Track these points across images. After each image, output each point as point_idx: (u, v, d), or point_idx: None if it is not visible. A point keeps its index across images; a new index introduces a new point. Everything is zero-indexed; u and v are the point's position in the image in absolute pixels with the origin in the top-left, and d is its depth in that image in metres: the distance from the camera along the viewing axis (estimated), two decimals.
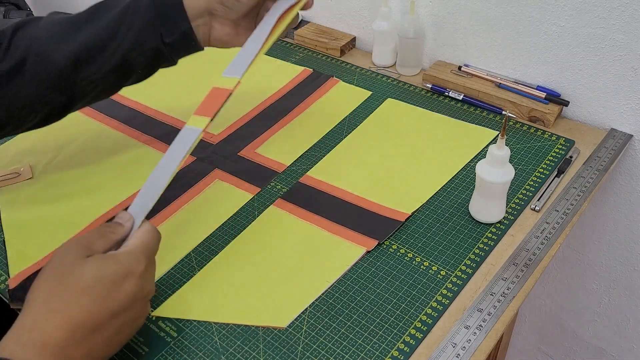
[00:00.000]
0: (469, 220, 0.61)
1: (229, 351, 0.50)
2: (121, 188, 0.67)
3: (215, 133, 0.76)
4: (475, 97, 0.78)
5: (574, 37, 0.70)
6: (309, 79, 0.86)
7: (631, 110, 0.71)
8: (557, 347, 1.02)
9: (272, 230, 0.61)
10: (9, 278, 0.57)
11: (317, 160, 0.70)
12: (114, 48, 0.58)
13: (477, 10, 0.77)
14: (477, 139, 0.72)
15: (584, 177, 0.65)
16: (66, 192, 0.68)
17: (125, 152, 0.74)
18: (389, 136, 0.73)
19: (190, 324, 0.53)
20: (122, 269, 0.45)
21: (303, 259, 0.58)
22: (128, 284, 0.45)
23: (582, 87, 0.73)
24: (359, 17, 0.91)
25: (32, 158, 0.73)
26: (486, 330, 0.50)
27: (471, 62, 0.82)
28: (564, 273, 0.92)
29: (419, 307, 0.53)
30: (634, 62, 0.67)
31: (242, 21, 0.62)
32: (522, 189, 0.64)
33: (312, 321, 0.52)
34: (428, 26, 0.83)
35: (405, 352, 0.49)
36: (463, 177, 0.67)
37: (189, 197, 0.66)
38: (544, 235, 0.59)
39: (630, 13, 0.64)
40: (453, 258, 0.57)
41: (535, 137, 0.72)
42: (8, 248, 0.61)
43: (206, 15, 0.60)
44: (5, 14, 1.28)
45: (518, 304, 0.52)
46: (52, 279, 0.44)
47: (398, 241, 0.59)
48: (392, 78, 0.85)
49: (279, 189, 0.67)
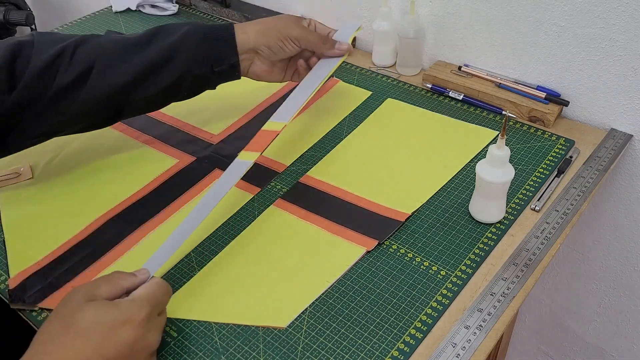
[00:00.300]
0: (469, 220, 0.61)
1: (229, 351, 0.50)
2: (121, 188, 0.67)
3: (215, 133, 0.76)
4: (475, 97, 0.78)
5: (574, 37, 0.70)
6: None
7: (631, 110, 0.71)
8: (557, 347, 1.02)
9: (272, 230, 0.61)
10: (9, 278, 0.57)
11: (317, 160, 0.70)
12: (169, 72, 0.64)
13: (477, 10, 0.77)
14: (477, 139, 0.72)
15: (584, 177, 0.65)
16: (66, 192, 0.68)
17: (125, 152, 0.74)
18: (389, 136, 0.73)
19: (190, 324, 0.53)
20: (121, 315, 0.44)
21: (303, 259, 0.58)
22: (126, 331, 0.43)
23: (582, 87, 0.73)
24: (359, 17, 0.91)
25: (32, 158, 0.73)
26: (486, 330, 0.50)
27: (471, 62, 0.82)
28: (564, 273, 0.92)
29: (419, 307, 0.53)
30: (634, 62, 0.67)
31: (278, 62, 0.71)
32: (522, 189, 0.64)
33: (312, 321, 0.52)
34: (428, 26, 0.83)
35: (405, 352, 0.49)
36: (463, 177, 0.67)
37: (189, 197, 0.66)
38: (544, 235, 0.59)
39: (630, 13, 0.64)
40: (453, 258, 0.57)
41: (535, 137, 0.72)
42: (8, 248, 0.61)
43: (252, 52, 0.68)
44: (5, 14, 1.28)
45: (518, 304, 0.52)
46: (54, 322, 0.44)
47: (398, 241, 0.59)
48: (392, 78, 0.85)
49: (279, 189, 0.67)
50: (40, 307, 0.54)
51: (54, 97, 0.60)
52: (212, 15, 1.07)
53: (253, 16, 1.01)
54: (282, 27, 0.67)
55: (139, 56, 0.63)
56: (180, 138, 0.75)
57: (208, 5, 1.07)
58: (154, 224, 0.63)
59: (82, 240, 0.61)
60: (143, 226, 0.62)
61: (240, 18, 1.03)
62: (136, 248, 0.60)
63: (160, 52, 0.63)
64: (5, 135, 0.61)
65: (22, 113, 0.60)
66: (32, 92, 0.59)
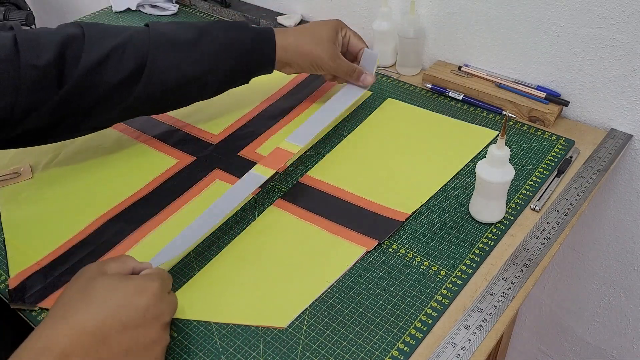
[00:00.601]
0: (469, 220, 0.61)
1: (229, 351, 0.50)
2: (121, 188, 0.67)
3: (215, 133, 0.76)
4: (475, 97, 0.78)
5: (574, 37, 0.70)
6: (309, 79, 0.86)
7: (631, 110, 0.71)
8: (557, 347, 1.02)
9: (272, 230, 0.61)
10: (9, 278, 0.57)
11: (317, 160, 0.70)
12: (212, 80, 0.68)
13: (477, 10, 0.77)
14: (478, 139, 0.72)
15: (584, 177, 0.65)
16: (66, 192, 0.68)
17: (125, 152, 0.74)
18: (389, 136, 0.73)
19: (190, 324, 0.53)
20: (135, 286, 0.45)
21: (303, 259, 0.58)
22: (140, 298, 0.44)
23: (582, 87, 0.73)
24: (359, 17, 0.91)
25: (32, 158, 0.73)
26: (486, 330, 0.50)
27: (471, 62, 0.82)
28: (564, 273, 0.92)
29: (419, 307, 0.53)
30: (634, 62, 0.67)
31: None
32: (522, 189, 0.64)
33: (312, 321, 0.52)
34: (428, 26, 0.83)
35: (405, 352, 0.49)
36: (463, 177, 0.67)
37: (189, 197, 0.66)
38: (544, 235, 0.59)
39: (630, 13, 0.64)
40: (453, 258, 0.57)
41: (535, 137, 0.72)
42: (8, 248, 0.61)
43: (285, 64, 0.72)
44: (5, 14, 1.28)
45: (518, 304, 0.52)
46: (70, 291, 0.45)
47: (398, 241, 0.59)
48: (392, 78, 0.85)
49: (279, 189, 0.66)
50: (40, 307, 0.54)
51: (104, 95, 0.61)
52: (212, 16, 1.07)
53: (253, 16, 1.01)
54: (317, 57, 0.70)
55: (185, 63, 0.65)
56: (180, 138, 0.75)
57: (208, 5, 1.07)
58: (154, 223, 0.63)
59: (82, 240, 0.61)
60: (143, 226, 0.62)
61: (240, 18, 1.03)
62: (136, 248, 0.60)
63: (205, 59, 0.66)
64: (55, 127, 0.62)
65: (71, 108, 0.60)
66: (82, 89, 0.60)
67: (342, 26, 0.74)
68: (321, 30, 0.71)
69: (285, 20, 0.97)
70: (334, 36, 0.71)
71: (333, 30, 0.72)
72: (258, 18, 1.00)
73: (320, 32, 0.71)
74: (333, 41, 0.71)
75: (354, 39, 0.75)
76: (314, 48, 0.70)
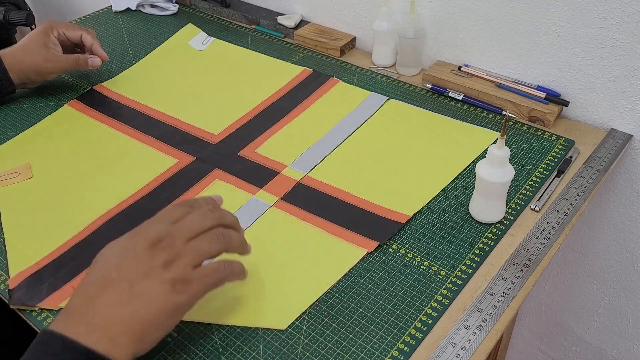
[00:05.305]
0: (469, 220, 0.61)
1: (228, 351, 0.50)
2: (121, 188, 0.67)
3: (215, 133, 0.76)
4: (475, 97, 0.78)
5: (574, 37, 0.70)
6: (309, 79, 0.86)
7: (631, 110, 0.71)
8: (557, 347, 1.02)
9: (272, 231, 0.61)
10: (9, 278, 0.57)
11: (317, 161, 0.70)
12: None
13: (477, 10, 0.77)
14: (478, 140, 0.72)
15: (584, 177, 0.65)
16: (66, 192, 0.68)
17: (125, 152, 0.74)
18: (389, 137, 0.73)
19: (190, 324, 0.53)
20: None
21: (303, 260, 0.58)
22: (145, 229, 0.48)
23: (582, 87, 0.73)
24: (359, 17, 0.91)
25: (32, 158, 0.73)
26: (486, 330, 0.50)
27: (471, 62, 0.82)
28: (564, 273, 0.92)
29: (419, 307, 0.53)
30: (634, 62, 0.67)
31: None
32: (522, 189, 0.64)
33: (312, 321, 0.52)
34: (428, 26, 0.83)
35: (405, 352, 0.49)
36: (463, 178, 0.67)
37: (189, 197, 0.66)
38: (544, 235, 0.59)
39: (630, 13, 0.64)
40: (453, 258, 0.57)
41: (535, 137, 0.72)
42: (8, 248, 0.61)
43: (24, 84, 0.77)
44: (5, 14, 1.28)
45: (518, 304, 0.52)
46: None
47: (398, 241, 0.59)
48: (392, 78, 0.85)
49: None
50: (40, 307, 0.54)
51: None
52: (212, 16, 1.07)
53: (253, 16, 1.01)
54: (34, 65, 0.73)
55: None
56: (180, 138, 0.75)
57: (208, 5, 1.07)
58: None
59: (82, 240, 0.61)
60: None
61: (240, 18, 1.03)
62: None
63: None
64: None
65: None
66: None
67: (51, 26, 0.77)
68: (30, 41, 0.75)
69: (285, 20, 0.97)
70: (45, 39, 0.75)
71: (42, 35, 0.75)
72: (258, 18, 1.00)
73: (29, 42, 0.75)
74: (45, 45, 0.74)
75: (68, 31, 0.78)
76: (26, 58, 0.74)
